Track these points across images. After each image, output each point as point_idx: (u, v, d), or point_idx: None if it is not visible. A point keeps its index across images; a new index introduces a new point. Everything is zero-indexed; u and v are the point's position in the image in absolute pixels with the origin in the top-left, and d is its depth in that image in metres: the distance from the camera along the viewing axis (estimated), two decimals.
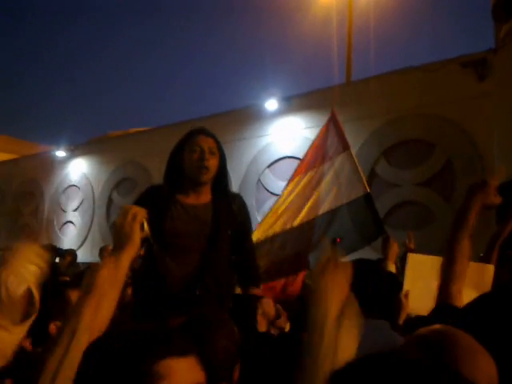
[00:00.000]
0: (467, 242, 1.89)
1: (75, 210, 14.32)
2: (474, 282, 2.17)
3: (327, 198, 4.04)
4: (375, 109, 8.98)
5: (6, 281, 1.48)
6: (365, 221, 3.93)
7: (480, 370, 1.07)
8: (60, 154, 14.67)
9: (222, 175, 2.67)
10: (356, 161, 4.11)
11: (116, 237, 1.50)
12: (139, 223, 1.52)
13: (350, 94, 9.03)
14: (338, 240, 4.83)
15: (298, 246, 4.03)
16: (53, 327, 1.93)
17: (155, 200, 2.57)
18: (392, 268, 3.35)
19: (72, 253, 7.69)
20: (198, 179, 2.59)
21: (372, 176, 9.06)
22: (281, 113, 10.40)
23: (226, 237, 2.59)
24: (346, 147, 4.15)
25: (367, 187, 4.01)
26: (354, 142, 8.87)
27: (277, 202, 4.20)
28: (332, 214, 4.01)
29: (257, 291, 2.73)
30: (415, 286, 1.85)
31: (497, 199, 1.96)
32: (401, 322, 2.32)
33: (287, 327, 3.06)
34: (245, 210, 2.76)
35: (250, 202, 9.87)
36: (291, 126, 10.28)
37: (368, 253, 5.52)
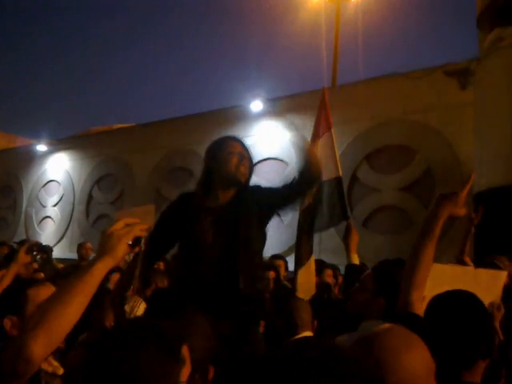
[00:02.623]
0: (431, 250, 1.91)
1: (55, 206, 14.15)
2: (487, 287, 2.22)
3: None
4: (359, 114, 9.04)
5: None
6: (332, 204, 3.96)
7: (413, 359, 1.17)
8: (41, 148, 14.49)
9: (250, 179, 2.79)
10: (335, 142, 4.17)
11: (101, 244, 1.45)
12: (130, 238, 1.46)
13: (335, 98, 9.08)
14: None
15: None
16: (7, 322, 1.87)
17: (186, 206, 2.70)
18: (355, 259, 3.34)
19: (50, 249, 7.66)
20: (238, 179, 2.67)
21: (353, 180, 9.12)
22: (265, 114, 10.41)
23: (251, 227, 2.62)
24: (329, 126, 4.22)
25: (340, 171, 4.05)
26: (337, 146, 8.92)
27: None
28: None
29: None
30: (432, 293, 1.88)
31: (462, 211, 1.99)
32: None
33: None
34: (256, 187, 2.79)
35: None
36: (275, 127, 10.30)
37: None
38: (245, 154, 2.72)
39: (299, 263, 3.86)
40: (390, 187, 8.83)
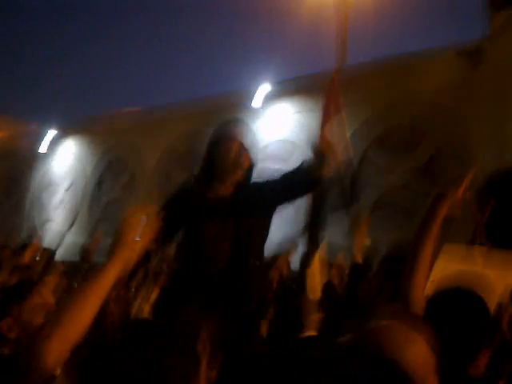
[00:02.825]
0: (430, 250, 1.89)
1: (65, 191, 14.20)
2: (501, 268, 2.18)
3: None
4: (368, 95, 8.94)
5: None
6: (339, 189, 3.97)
7: (414, 351, 1.20)
8: (51, 133, 14.52)
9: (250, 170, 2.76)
10: (345, 125, 4.15)
11: (114, 248, 1.44)
12: (142, 250, 1.48)
13: (343, 80, 8.97)
14: None
15: None
16: (3, 325, 1.88)
17: (186, 199, 2.68)
18: (365, 241, 3.29)
19: (53, 252, 7.79)
20: (233, 176, 2.66)
21: (363, 162, 9.07)
22: (273, 97, 10.35)
23: (249, 218, 2.61)
24: (340, 109, 4.18)
25: (350, 154, 4.05)
26: (347, 128, 8.85)
27: None
28: None
29: None
30: (444, 273, 1.88)
31: (457, 211, 1.95)
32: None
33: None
34: (254, 183, 2.78)
35: None
36: (283, 109, 10.25)
37: None
38: (245, 144, 2.69)
39: (306, 263, 3.86)
40: (400, 168, 8.78)
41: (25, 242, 7.70)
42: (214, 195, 2.66)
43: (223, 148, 2.68)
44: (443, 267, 1.94)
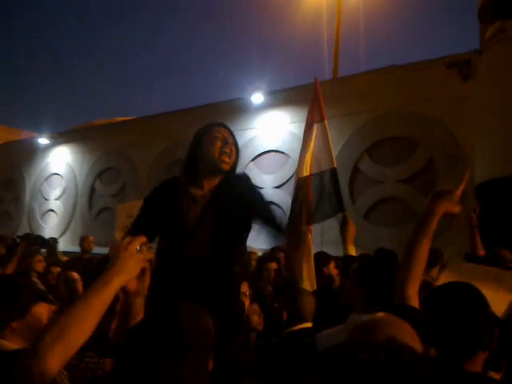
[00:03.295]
0: (427, 246, 1.95)
1: (57, 199, 14.18)
2: (510, 288, 2.22)
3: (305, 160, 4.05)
4: (360, 106, 9.03)
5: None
6: (328, 195, 3.95)
7: (410, 344, 1.17)
8: (43, 141, 14.49)
9: (235, 166, 2.73)
10: (329, 133, 4.13)
11: (120, 260, 1.48)
12: (146, 263, 1.56)
13: (336, 91, 9.07)
14: None
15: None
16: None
17: (170, 193, 2.61)
18: (352, 251, 3.35)
19: (55, 241, 7.73)
20: (220, 167, 2.60)
21: (355, 172, 9.13)
22: (266, 107, 10.40)
23: (229, 221, 2.54)
24: (322, 117, 4.17)
25: (335, 162, 4.03)
26: (339, 139, 8.94)
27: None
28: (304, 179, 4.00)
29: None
30: None
31: (457, 208, 2.01)
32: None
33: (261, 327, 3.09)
34: (250, 186, 2.75)
35: None
36: (276, 120, 10.30)
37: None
38: (230, 139, 2.64)
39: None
40: (391, 179, 8.84)
41: (25, 234, 7.69)
42: (202, 185, 2.60)
43: (210, 135, 2.62)
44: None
